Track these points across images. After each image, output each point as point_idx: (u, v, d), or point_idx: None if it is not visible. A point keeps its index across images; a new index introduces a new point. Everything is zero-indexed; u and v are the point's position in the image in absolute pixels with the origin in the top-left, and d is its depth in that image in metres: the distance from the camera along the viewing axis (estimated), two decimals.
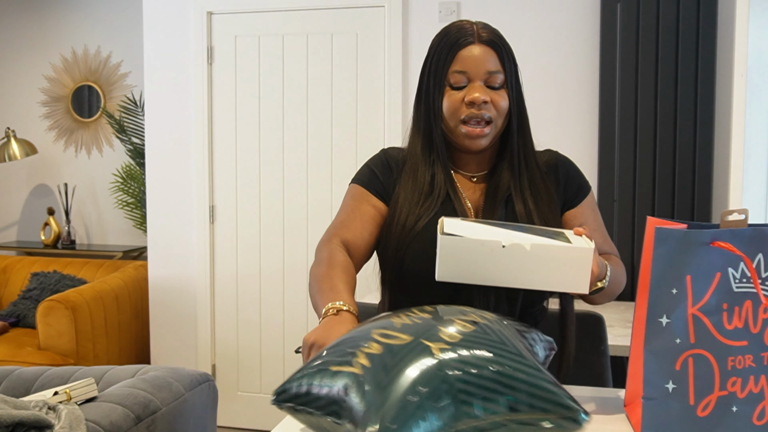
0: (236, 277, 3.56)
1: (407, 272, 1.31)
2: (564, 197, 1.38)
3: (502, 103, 1.30)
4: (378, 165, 1.41)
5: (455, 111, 1.30)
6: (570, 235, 1.11)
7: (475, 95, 1.27)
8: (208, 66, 3.50)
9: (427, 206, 1.32)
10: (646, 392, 0.97)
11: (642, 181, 2.97)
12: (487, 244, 1.04)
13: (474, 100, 1.28)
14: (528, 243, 1.03)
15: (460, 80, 1.29)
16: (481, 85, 1.29)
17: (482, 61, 1.29)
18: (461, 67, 1.29)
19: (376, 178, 1.39)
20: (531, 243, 1.03)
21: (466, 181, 1.38)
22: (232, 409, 3.61)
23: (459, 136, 1.31)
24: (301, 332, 3.50)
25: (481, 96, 1.27)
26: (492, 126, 1.30)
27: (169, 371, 1.76)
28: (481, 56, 1.29)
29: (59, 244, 4.39)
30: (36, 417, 1.33)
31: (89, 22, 4.45)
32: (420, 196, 1.33)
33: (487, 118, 1.29)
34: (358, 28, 3.34)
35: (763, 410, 0.97)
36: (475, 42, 1.30)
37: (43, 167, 4.59)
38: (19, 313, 3.85)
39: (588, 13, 3.08)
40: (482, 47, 1.30)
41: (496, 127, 1.31)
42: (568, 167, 1.42)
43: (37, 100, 4.59)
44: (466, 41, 1.30)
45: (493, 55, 1.30)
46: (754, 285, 0.96)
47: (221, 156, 3.53)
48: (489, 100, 1.28)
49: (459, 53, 1.30)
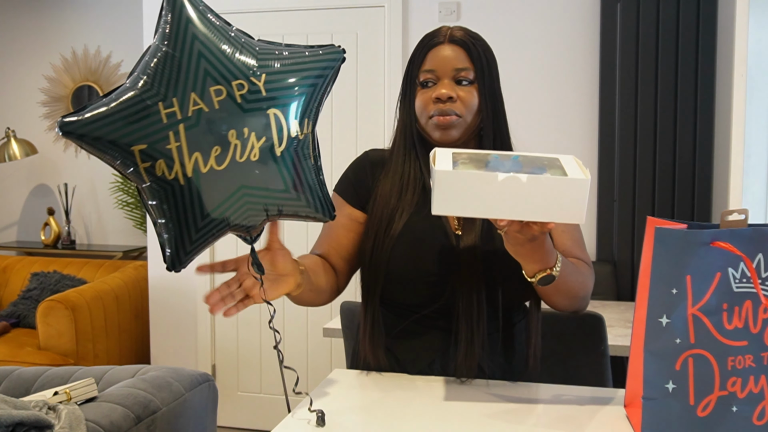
0: None
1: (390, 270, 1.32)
2: None
3: (470, 100, 1.31)
4: (356, 170, 1.45)
5: (425, 108, 1.33)
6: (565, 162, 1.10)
7: (441, 91, 1.30)
8: None
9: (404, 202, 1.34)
10: (646, 392, 0.97)
11: (642, 181, 2.97)
12: (482, 176, 1.03)
13: (439, 96, 1.30)
14: (524, 175, 1.02)
15: (430, 78, 1.33)
16: (448, 82, 1.31)
17: (450, 59, 1.32)
18: (430, 66, 1.33)
19: (352, 186, 1.43)
20: (527, 176, 1.02)
21: None
22: (232, 409, 3.62)
23: (430, 129, 1.34)
24: (301, 332, 3.50)
25: (447, 92, 1.30)
26: (462, 120, 1.31)
27: (169, 371, 1.76)
28: (449, 55, 1.32)
29: (59, 244, 4.39)
30: (36, 417, 1.33)
31: (89, 22, 4.45)
32: (398, 192, 1.35)
33: (454, 113, 1.30)
34: (358, 28, 3.34)
35: (763, 410, 0.98)
36: (445, 42, 1.33)
37: (43, 167, 4.59)
38: (19, 313, 3.85)
39: (588, 13, 3.08)
40: (451, 46, 1.32)
41: (465, 122, 1.32)
42: None
43: (37, 100, 4.59)
44: (436, 42, 1.34)
45: (461, 53, 1.32)
46: (754, 285, 0.96)
47: None
48: (455, 96, 1.30)
49: (429, 53, 1.33)
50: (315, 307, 3.49)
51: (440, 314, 1.32)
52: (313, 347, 3.50)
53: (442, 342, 1.32)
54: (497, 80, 1.36)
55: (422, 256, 1.31)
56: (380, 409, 1.16)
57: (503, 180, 1.02)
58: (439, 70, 1.32)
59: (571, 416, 1.10)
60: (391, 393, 1.23)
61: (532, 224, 1.07)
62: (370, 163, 1.44)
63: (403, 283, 1.33)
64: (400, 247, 1.31)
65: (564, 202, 1.02)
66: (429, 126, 1.34)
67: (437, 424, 1.09)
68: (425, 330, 1.33)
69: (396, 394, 1.22)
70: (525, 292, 1.32)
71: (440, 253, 1.31)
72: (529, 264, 1.14)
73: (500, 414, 1.12)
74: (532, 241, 1.10)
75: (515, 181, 1.02)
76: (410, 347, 1.34)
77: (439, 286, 1.30)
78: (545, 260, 1.14)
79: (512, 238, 1.10)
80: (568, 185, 1.02)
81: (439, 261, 1.30)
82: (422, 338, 1.33)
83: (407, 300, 1.35)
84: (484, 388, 1.25)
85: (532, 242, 1.10)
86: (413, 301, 1.34)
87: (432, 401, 1.18)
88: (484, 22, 3.19)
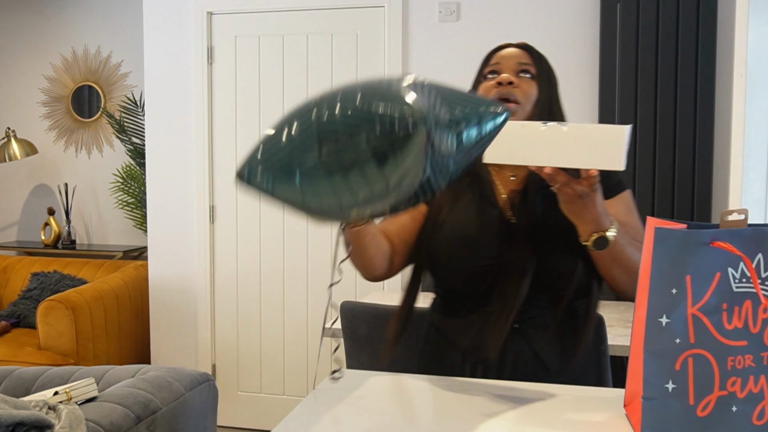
0: (236, 277, 3.57)
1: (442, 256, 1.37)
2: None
3: (530, 90, 1.36)
4: None
5: (486, 94, 1.38)
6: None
7: (502, 75, 1.36)
8: (208, 66, 3.50)
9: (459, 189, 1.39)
10: (646, 392, 0.97)
11: (642, 181, 2.97)
12: (527, 125, 1.10)
13: (500, 80, 1.36)
14: (565, 124, 1.09)
15: (493, 70, 1.40)
16: (510, 73, 1.38)
17: (513, 56, 1.39)
18: (495, 61, 1.41)
19: None
20: (568, 124, 1.09)
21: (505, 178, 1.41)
22: (232, 409, 3.62)
23: None
24: (301, 332, 3.50)
25: (507, 76, 1.36)
26: (520, 108, 1.35)
27: (169, 371, 1.76)
28: (513, 53, 1.40)
29: (59, 244, 4.39)
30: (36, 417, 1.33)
31: (89, 22, 4.46)
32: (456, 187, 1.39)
33: (514, 98, 1.35)
34: (358, 28, 3.34)
35: (763, 410, 0.98)
36: (510, 46, 1.42)
37: (44, 167, 4.59)
38: (20, 313, 3.85)
39: (588, 13, 3.08)
40: (515, 48, 1.41)
41: (524, 110, 1.36)
42: None
43: (37, 100, 4.59)
44: (503, 46, 1.43)
45: (524, 53, 1.40)
46: (754, 285, 0.96)
47: (221, 156, 3.53)
48: (515, 82, 1.35)
49: (494, 54, 1.42)
50: (315, 311, 3.48)
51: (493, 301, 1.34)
52: (313, 347, 3.50)
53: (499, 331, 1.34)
54: (556, 88, 1.42)
55: (475, 241, 1.34)
56: (380, 409, 1.16)
57: (545, 129, 1.09)
58: (503, 64, 1.39)
59: (571, 416, 1.11)
60: (391, 393, 1.23)
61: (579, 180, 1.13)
62: None
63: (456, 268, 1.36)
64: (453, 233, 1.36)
65: (604, 148, 1.07)
66: None
67: (437, 423, 1.09)
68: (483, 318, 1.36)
69: (396, 394, 1.22)
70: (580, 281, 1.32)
71: (493, 240, 1.34)
72: (582, 224, 1.19)
73: (500, 414, 1.12)
74: (583, 198, 1.15)
75: (557, 130, 1.09)
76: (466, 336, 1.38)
77: (492, 274, 1.33)
78: (599, 222, 1.18)
79: (563, 193, 1.16)
80: (607, 131, 1.08)
81: (491, 250, 1.33)
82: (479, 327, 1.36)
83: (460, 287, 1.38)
84: (483, 387, 1.25)
85: (584, 199, 1.15)
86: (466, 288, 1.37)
87: (432, 401, 1.18)
88: (484, 22, 3.19)
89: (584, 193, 1.14)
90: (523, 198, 1.36)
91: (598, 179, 1.14)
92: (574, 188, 1.14)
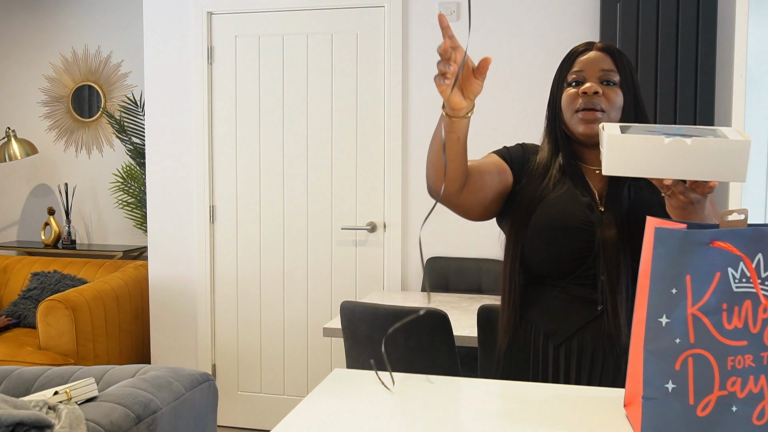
0: (236, 277, 3.57)
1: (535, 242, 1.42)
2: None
3: (615, 98, 1.41)
4: (511, 148, 1.54)
5: (571, 103, 1.43)
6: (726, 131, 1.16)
7: (587, 85, 1.40)
8: (208, 66, 3.50)
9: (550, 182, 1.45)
10: (646, 392, 0.97)
11: None
12: (650, 139, 1.12)
13: (586, 90, 1.40)
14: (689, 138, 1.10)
15: (577, 78, 1.44)
16: (595, 81, 1.42)
17: (596, 61, 1.43)
18: (577, 68, 1.44)
19: (508, 151, 1.53)
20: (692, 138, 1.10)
21: (591, 172, 1.48)
22: (232, 409, 3.62)
23: (575, 124, 1.42)
24: (301, 332, 3.50)
25: (593, 85, 1.40)
26: (605, 115, 1.40)
27: (169, 371, 1.76)
28: (596, 58, 1.44)
29: (59, 244, 4.40)
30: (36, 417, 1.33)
31: (89, 22, 4.46)
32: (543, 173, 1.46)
33: (599, 107, 1.39)
34: (358, 28, 3.34)
35: (763, 410, 0.98)
36: (593, 50, 1.46)
37: (44, 167, 4.59)
38: (20, 313, 3.85)
39: (588, 13, 3.08)
40: (598, 52, 1.45)
41: (609, 118, 1.41)
42: None
43: (37, 100, 4.59)
44: (585, 50, 1.46)
45: (607, 58, 1.43)
46: (754, 285, 0.96)
47: (221, 156, 3.53)
48: (600, 92, 1.40)
49: (577, 59, 1.46)
50: (315, 311, 3.48)
51: (582, 285, 1.40)
52: (313, 347, 3.50)
53: (585, 314, 1.40)
54: (639, 89, 1.46)
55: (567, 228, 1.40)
56: (380, 409, 1.16)
57: (669, 142, 1.10)
58: (587, 71, 1.43)
59: (570, 416, 1.11)
60: (392, 392, 1.23)
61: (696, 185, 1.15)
62: (523, 148, 1.54)
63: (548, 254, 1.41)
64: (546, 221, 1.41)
65: (726, 162, 1.09)
66: (574, 120, 1.43)
67: (437, 423, 1.09)
68: (568, 301, 1.42)
69: (396, 394, 1.22)
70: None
71: (584, 227, 1.39)
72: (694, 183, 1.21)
73: (500, 413, 1.12)
74: (695, 204, 1.18)
75: (680, 144, 1.10)
76: (552, 319, 1.43)
77: (583, 259, 1.39)
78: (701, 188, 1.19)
79: (676, 200, 1.19)
80: (730, 146, 1.09)
81: (584, 234, 1.39)
82: (565, 310, 1.42)
83: (551, 272, 1.43)
84: (483, 387, 1.25)
85: (695, 205, 1.18)
86: (557, 272, 1.42)
87: (431, 401, 1.18)
88: (484, 22, 3.19)
89: (697, 200, 1.18)
90: (612, 189, 1.43)
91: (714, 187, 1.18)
92: (688, 196, 1.17)
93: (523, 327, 1.47)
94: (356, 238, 3.40)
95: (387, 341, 2.06)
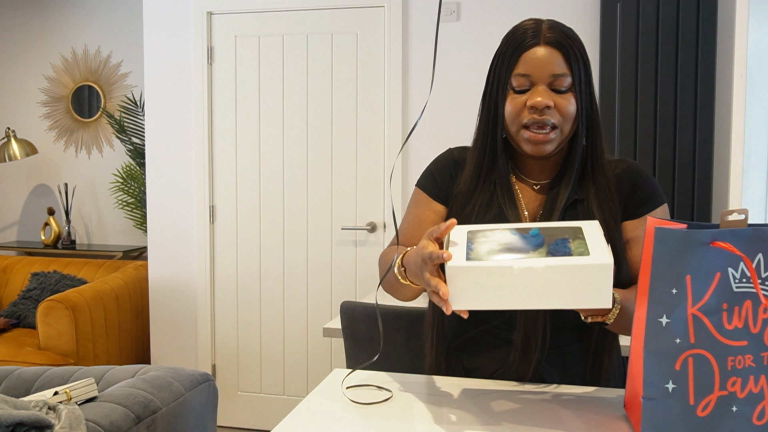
0: (236, 277, 3.57)
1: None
2: (625, 207, 1.30)
3: (568, 108, 1.23)
4: (439, 168, 1.38)
5: (517, 115, 1.24)
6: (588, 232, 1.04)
7: (537, 99, 1.21)
8: (208, 66, 3.50)
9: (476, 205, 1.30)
10: (646, 392, 0.97)
11: None
12: (497, 270, 0.98)
13: (536, 105, 1.21)
14: (541, 265, 0.97)
15: (524, 84, 1.23)
16: (544, 89, 1.22)
17: (546, 63, 1.22)
18: (524, 69, 1.23)
19: (435, 182, 1.37)
20: (544, 265, 0.97)
21: (527, 189, 1.33)
22: (232, 409, 3.61)
23: (521, 141, 1.25)
24: (301, 332, 3.50)
25: (544, 100, 1.21)
26: (557, 131, 1.23)
27: (169, 371, 1.76)
28: (546, 58, 1.22)
29: (59, 244, 4.39)
30: (36, 417, 1.33)
31: (89, 22, 4.46)
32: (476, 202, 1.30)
33: (551, 123, 1.22)
34: (358, 28, 3.34)
35: (763, 410, 0.97)
36: (540, 43, 1.24)
37: (43, 167, 4.59)
38: (19, 313, 3.85)
39: (588, 13, 3.08)
40: (547, 49, 1.23)
41: (562, 133, 1.24)
42: (636, 178, 1.31)
43: (37, 100, 4.59)
44: (531, 43, 1.24)
45: (558, 56, 1.23)
46: (754, 285, 0.96)
47: (221, 156, 3.53)
48: (552, 105, 1.21)
49: (523, 55, 1.24)
50: (315, 311, 3.48)
51: (507, 326, 1.28)
52: (313, 347, 3.50)
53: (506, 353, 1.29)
54: (592, 83, 1.27)
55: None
56: (380, 409, 1.16)
57: (519, 271, 0.97)
58: (535, 75, 1.22)
59: (570, 416, 1.10)
60: (392, 393, 1.23)
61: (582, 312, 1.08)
62: (453, 161, 1.38)
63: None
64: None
65: (586, 287, 0.97)
66: (521, 137, 1.25)
67: (436, 423, 1.09)
68: (491, 341, 1.30)
69: (396, 394, 1.22)
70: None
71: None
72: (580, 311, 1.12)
73: (499, 414, 1.12)
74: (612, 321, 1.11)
75: (532, 272, 0.97)
76: (474, 357, 1.32)
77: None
78: (597, 310, 1.10)
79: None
80: (589, 272, 0.96)
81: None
82: (487, 348, 1.31)
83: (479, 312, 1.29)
84: (482, 387, 1.25)
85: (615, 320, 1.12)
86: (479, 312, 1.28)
87: (431, 401, 1.18)
88: (484, 22, 3.19)
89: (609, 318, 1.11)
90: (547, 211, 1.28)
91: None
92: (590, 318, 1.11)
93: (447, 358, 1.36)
94: (356, 238, 3.40)
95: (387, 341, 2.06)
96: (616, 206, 1.29)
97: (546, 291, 0.97)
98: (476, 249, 1.03)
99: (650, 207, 1.29)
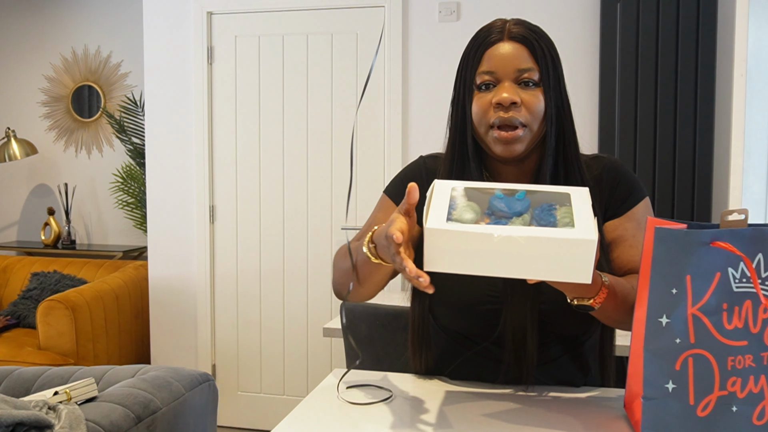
0: (236, 277, 3.57)
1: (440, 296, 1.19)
2: (606, 208, 1.26)
3: (536, 105, 1.16)
4: (409, 177, 1.32)
5: (484, 114, 1.18)
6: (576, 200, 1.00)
7: (503, 96, 1.15)
8: (208, 66, 3.50)
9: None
10: (646, 392, 0.97)
11: (642, 181, 2.96)
12: (476, 235, 0.93)
13: (501, 101, 1.15)
14: (522, 234, 0.93)
15: (488, 81, 1.18)
16: (510, 85, 1.16)
17: (511, 58, 1.17)
18: (488, 66, 1.18)
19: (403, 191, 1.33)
20: (526, 235, 0.93)
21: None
22: (232, 409, 3.61)
23: (491, 142, 1.19)
24: (301, 332, 3.50)
25: (510, 96, 1.15)
26: (527, 130, 1.16)
27: (169, 371, 1.76)
28: (510, 53, 1.17)
29: (59, 244, 4.39)
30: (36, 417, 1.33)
31: (89, 22, 4.46)
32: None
33: (518, 122, 1.15)
34: (358, 28, 3.34)
35: (763, 410, 0.97)
36: (504, 39, 1.19)
37: (43, 167, 4.59)
38: (19, 313, 3.85)
39: (588, 13, 3.08)
40: (512, 44, 1.18)
41: (531, 131, 1.17)
42: (614, 175, 1.27)
43: (37, 100, 4.59)
44: (494, 39, 1.20)
45: (524, 51, 1.17)
46: (754, 285, 0.96)
47: (221, 156, 3.53)
48: (518, 101, 1.15)
49: (486, 52, 1.19)
50: (315, 311, 3.48)
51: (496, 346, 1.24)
52: (313, 347, 3.50)
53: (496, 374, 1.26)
54: (563, 80, 1.21)
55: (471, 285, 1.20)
56: (380, 409, 1.16)
57: (499, 239, 0.93)
58: (499, 72, 1.17)
59: (570, 416, 1.10)
60: (392, 393, 1.23)
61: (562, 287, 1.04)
62: (426, 170, 1.32)
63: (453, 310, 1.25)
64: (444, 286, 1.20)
65: (567, 262, 0.93)
66: (490, 138, 1.18)
67: (436, 423, 1.09)
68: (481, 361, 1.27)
69: (397, 395, 1.22)
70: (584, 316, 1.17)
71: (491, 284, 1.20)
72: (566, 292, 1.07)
73: (499, 414, 1.12)
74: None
75: (512, 241, 0.93)
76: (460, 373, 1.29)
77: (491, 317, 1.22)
78: (583, 291, 1.06)
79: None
80: (571, 246, 0.93)
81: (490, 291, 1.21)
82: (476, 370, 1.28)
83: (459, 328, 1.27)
84: (482, 388, 1.25)
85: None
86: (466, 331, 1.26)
87: (432, 402, 1.18)
88: (484, 22, 3.18)
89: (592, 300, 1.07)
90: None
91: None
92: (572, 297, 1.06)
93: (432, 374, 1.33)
94: None
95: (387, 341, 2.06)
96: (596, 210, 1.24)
97: (525, 261, 0.94)
98: (458, 209, 0.98)
99: (632, 203, 1.25)
